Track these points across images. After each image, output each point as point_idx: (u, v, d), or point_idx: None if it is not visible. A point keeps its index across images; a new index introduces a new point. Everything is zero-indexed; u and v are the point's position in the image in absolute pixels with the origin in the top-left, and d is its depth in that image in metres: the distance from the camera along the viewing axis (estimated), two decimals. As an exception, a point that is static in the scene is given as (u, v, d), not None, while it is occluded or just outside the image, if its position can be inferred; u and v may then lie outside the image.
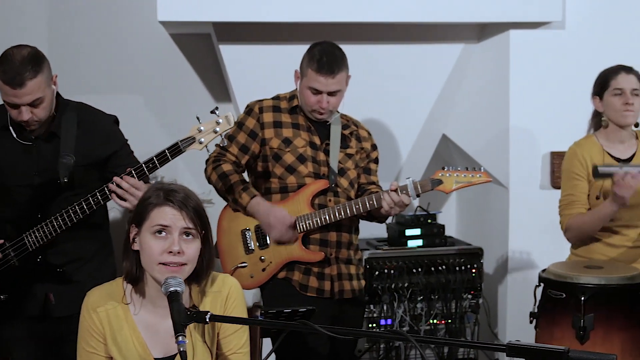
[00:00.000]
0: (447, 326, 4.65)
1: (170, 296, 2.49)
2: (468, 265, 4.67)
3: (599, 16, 4.87)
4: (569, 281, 3.71)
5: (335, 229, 3.85)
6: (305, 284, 3.83)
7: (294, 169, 3.83)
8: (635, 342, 3.66)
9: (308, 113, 3.85)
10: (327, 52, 3.77)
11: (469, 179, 3.79)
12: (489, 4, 4.68)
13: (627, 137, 4.13)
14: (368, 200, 3.75)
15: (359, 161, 3.96)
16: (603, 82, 4.10)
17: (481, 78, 5.06)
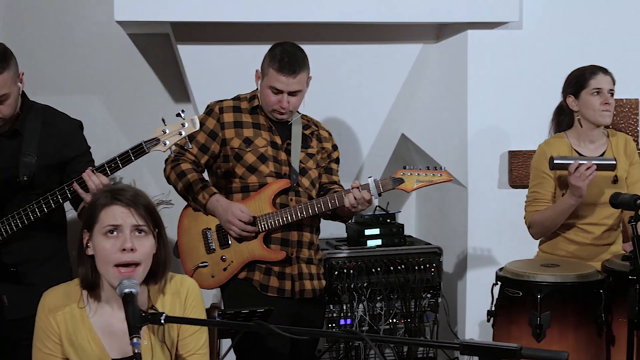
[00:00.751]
0: (407, 325, 4.66)
1: (125, 298, 2.48)
2: (427, 265, 4.68)
3: (555, 16, 4.90)
4: (526, 279, 3.74)
5: (297, 229, 3.85)
6: (266, 284, 3.82)
7: (255, 168, 3.82)
8: (591, 340, 3.70)
9: (268, 113, 3.85)
10: (289, 52, 3.78)
11: (430, 178, 3.82)
12: (447, 4, 4.69)
13: (598, 136, 4.17)
14: (330, 199, 3.76)
15: (320, 161, 3.97)
16: (580, 81, 4.13)
17: (439, 78, 5.08)
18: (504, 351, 2.04)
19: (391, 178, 3.81)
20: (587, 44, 4.88)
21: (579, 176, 3.83)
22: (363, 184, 3.76)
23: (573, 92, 4.14)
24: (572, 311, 3.69)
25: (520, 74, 4.87)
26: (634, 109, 4.94)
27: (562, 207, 4.00)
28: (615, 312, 3.78)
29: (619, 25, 4.94)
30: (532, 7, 4.87)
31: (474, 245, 4.91)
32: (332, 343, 4.59)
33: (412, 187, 3.82)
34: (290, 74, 3.74)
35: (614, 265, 3.85)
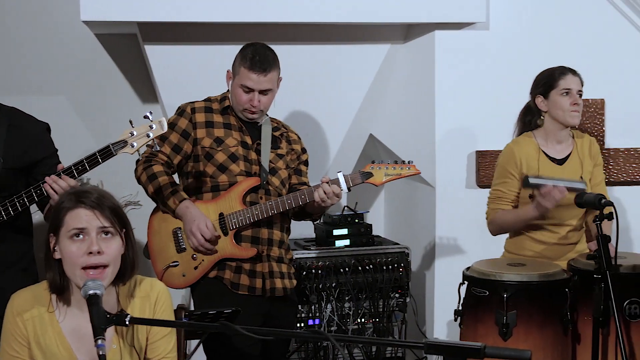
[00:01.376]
0: (375, 325, 4.67)
1: (89, 299, 2.46)
2: (395, 265, 4.69)
3: (522, 17, 4.93)
4: (492, 279, 3.76)
5: (267, 226, 3.86)
6: (237, 282, 3.82)
7: (226, 167, 3.82)
8: (557, 338, 3.72)
9: (239, 113, 3.86)
10: (260, 52, 3.80)
11: (399, 172, 3.84)
12: (415, 4, 4.71)
13: (565, 137, 4.20)
14: (300, 194, 3.77)
15: (289, 162, 3.98)
16: (550, 82, 4.16)
17: (407, 78, 5.10)
18: (468, 350, 2.04)
19: (360, 172, 3.83)
20: (553, 44, 4.91)
21: (549, 199, 3.88)
22: (333, 179, 3.78)
23: (542, 92, 4.17)
24: (538, 310, 3.71)
25: (487, 74, 4.89)
26: (599, 109, 4.98)
27: (524, 217, 4.06)
28: (580, 310, 3.81)
29: (584, 26, 4.98)
30: (499, 8, 4.89)
31: (442, 245, 4.93)
32: (301, 343, 4.59)
33: (381, 181, 3.84)
34: (262, 72, 3.75)
35: (579, 264, 3.88)
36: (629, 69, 5.02)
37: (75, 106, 5.12)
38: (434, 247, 4.95)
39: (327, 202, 3.75)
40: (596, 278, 3.58)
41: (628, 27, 5.02)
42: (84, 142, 4.96)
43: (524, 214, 4.06)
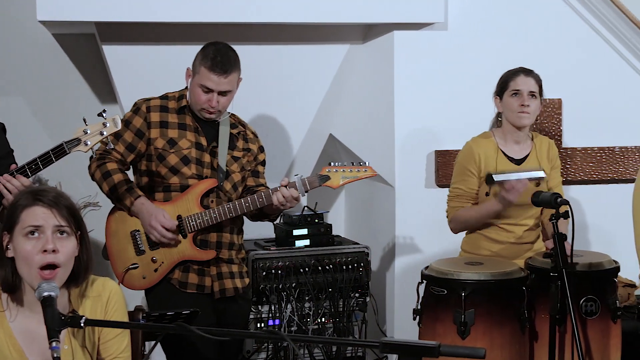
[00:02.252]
0: (335, 325, 4.67)
1: (44, 301, 2.44)
2: (355, 264, 4.70)
3: (480, 17, 4.96)
4: (450, 277, 3.77)
5: (216, 230, 3.85)
6: (185, 281, 3.83)
7: (178, 170, 3.81)
8: (514, 336, 3.75)
9: (197, 112, 3.84)
10: (222, 52, 3.78)
11: (355, 174, 3.86)
12: (373, 5, 4.72)
13: (523, 138, 4.23)
14: (258, 197, 3.77)
15: (245, 164, 3.97)
16: (503, 83, 4.20)
17: (366, 78, 5.11)
18: (423, 349, 2.05)
19: (318, 175, 3.83)
20: (511, 44, 4.95)
21: (513, 193, 3.93)
22: (290, 182, 3.78)
23: (498, 93, 4.22)
24: (496, 308, 3.73)
25: (445, 74, 4.92)
26: (557, 108, 5.03)
27: (488, 211, 4.08)
28: (538, 308, 3.84)
29: (541, 27, 5.02)
30: (457, 9, 4.92)
31: (401, 244, 4.95)
32: (261, 343, 4.58)
33: (338, 184, 3.85)
34: (222, 74, 3.73)
35: (536, 263, 3.91)
36: (586, 69, 5.07)
37: (32, 106, 5.08)
38: (393, 246, 4.97)
39: (286, 206, 3.76)
40: (553, 276, 3.62)
41: (585, 27, 5.07)
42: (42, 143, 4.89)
43: (487, 209, 4.08)
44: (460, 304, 3.70)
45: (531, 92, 4.14)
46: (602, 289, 3.84)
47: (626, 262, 3.94)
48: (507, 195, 3.94)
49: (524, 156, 4.21)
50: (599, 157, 5.08)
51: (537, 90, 4.16)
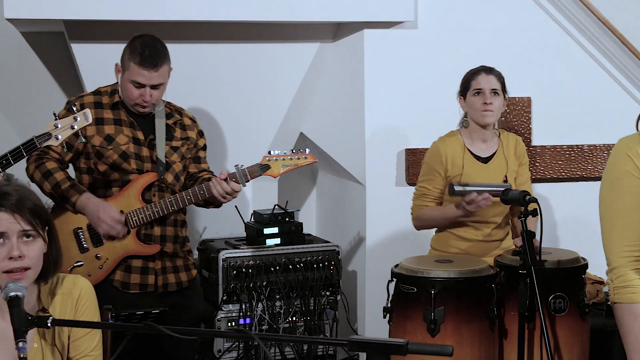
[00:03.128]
0: (306, 323, 4.66)
1: (10, 302, 2.41)
2: (326, 263, 4.69)
3: (449, 16, 4.97)
4: (420, 275, 3.78)
5: (159, 224, 3.87)
6: (127, 281, 3.84)
7: (118, 166, 3.82)
8: (483, 333, 3.76)
9: (130, 107, 3.84)
10: (149, 46, 3.77)
11: (296, 162, 3.90)
12: (343, 3, 4.72)
13: (489, 136, 4.25)
14: (199, 189, 3.79)
15: (185, 152, 3.98)
16: (466, 83, 4.22)
17: (337, 77, 5.12)
18: (391, 346, 2.05)
19: (258, 165, 3.87)
20: (481, 43, 4.97)
21: (473, 205, 3.94)
22: (231, 173, 3.80)
23: (462, 93, 4.24)
24: (466, 306, 3.74)
25: (416, 73, 4.93)
26: (526, 106, 5.05)
27: (448, 215, 4.12)
28: (507, 305, 3.86)
29: (511, 26, 5.05)
30: (427, 7, 4.93)
31: (372, 242, 4.96)
32: (232, 342, 4.57)
33: (279, 172, 3.89)
34: (152, 68, 3.73)
35: (505, 260, 3.93)
36: (555, 68, 5.10)
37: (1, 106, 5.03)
38: (364, 244, 4.98)
39: (228, 198, 3.79)
40: (521, 274, 3.63)
41: (553, 26, 5.10)
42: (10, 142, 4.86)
43: (449, 213, 4.11)
44: (430, 302, 3.70)
45: (493, 89, 4.15)
46: (571, 286, 3.87)
47: (595, 260, 3.94)
48: (467, 207, 3.95)
49: (491, 154, 4.23)
50: (567, 155, 5.11)
51: (499, 87, 4.17)
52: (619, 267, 2.69)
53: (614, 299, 2.71)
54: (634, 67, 5.11)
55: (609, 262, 2.72)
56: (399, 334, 3.80)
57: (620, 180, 2.68)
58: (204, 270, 4.72)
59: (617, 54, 5.10)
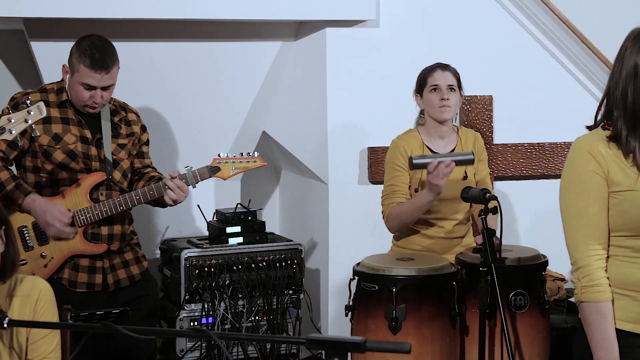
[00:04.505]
0: (269, 322, 4.66)
1: (-34, 303, 2.40)
2: (289, 261, 4.69)
3: (411, 15, 4.98)
4: (381, 273, 3.79)
5: (107, 223, 3.87)
6: (75, 280, 3.83)
7: (65, 165, 3.81)
8: (445, 331, 3.78)
9: (80, 107, 3.82)
10: (98, 47, 3.76)
11: (245, 165, 3.96)
12: (306, 2, 4.72)
13: (447, 132, 4.26)
14: (149, 190, 3.80)
15: (131, 149, 3.98)
16: (422, 80, 4.24)
17: (299, 75, 5.11)
18: (349, 345, 2.06)
19: (208, 167, 3.90)
20: (443, 42, 4.98)
21: (437, 174, 3.90)
22: (181, 174, 3.82)
23: (418, 90, 4.25)
24: (427, 303, 3.75)
25: (378, 71, 4.94)
26: (487, 105, 5.08)
27: (420, 202, 4.06)
28: (468, 303, 3.88)
29: (473, 24, 5.07)
30: (389, 6, 4.93)
31: (335, 241, 4.96)
32: (194, 342, 4.56)
33: (228, 175, 3.94)
34: (103, 70, 3.72)
35: (467, 258, 3.94)
36: (517, 67, 5.13)
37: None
38: (327, 243, 4.98)
39: (180, 196, 3.80)
40: (482, 271, 3.65)
41: (515, 25, 5.12)
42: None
43: (419, 200, 4.05)
44: (391, 300, 3.71)
45: (449, 85, 4.17)
46: (531, 283, 3.89)
47: (557, 257, 3.98)
48: (432, 178, 3.90)
49: (449, 150, 4.24)
50: (529, 153, 5.14)
51: (455, 83, 4.19)
52: (585, 266, 2.67)
53: (580, 298, 2.69)
54: (594, 66, 5.16)
55: (574, 261, 2.71)
56: (361, 332, 3.80)
57: (582, 179, 2.67)
58: (166, 269, 4.70)
59: (578, 53, 5.14)
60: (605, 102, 2.71)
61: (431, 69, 4.23)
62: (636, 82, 2.62)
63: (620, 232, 2.67)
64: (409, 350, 2.03)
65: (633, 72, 2.62)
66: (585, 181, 2.67)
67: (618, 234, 2.67)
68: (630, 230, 2.65)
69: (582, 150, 2.69)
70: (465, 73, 4.65)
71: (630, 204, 2.63)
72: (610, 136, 2.67)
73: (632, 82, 2.63)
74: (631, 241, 2.66)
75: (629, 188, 2.63)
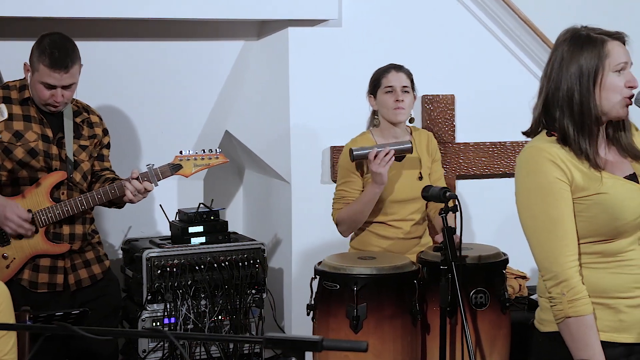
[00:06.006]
0: (232, 322, 4.65)
1: None
2: (251, 261, 4.68)
3: (373, 14, 5.00)
4: (343, 272, 3.80)
5: (68, 222, 3.84)
6: (35, 280, 3.80)
7: (26, 163, 3.78)
8: (406, 329, 3.79)
9: (41, 106, 3.80)
10: (59, 46, 3.72)
11: (207, 162, 3.93)
12: (268, 1, 4.71)
13: (401, 133, 4.26)
14: (110, 189, 3.77)
15: (92, 151, 3.96)
16: (376, 81, 4.23)
17: (262, 75, 5.11)
18: (306, 343, 2.06)
19: (169, 165, 3.88)
20: (405, 41, 5.00)
21: (379, 163, 3.93)
22: (142, 173, 3.80)
23: (372, 91, 4.25)
24: (388, 302, 3.77)
25: (340, 71, 4.94)
26: (449, 104, 5.10)
27: (367, 197, 4.06)
28: (429, 301, 3.90)
29: (435, 24, 5.09)
30: (351, 5, 4.94)
31: (298, 240, 4.96)
32: (157, 342, 4.54)
33: (190, 172, 3.91)
34: (63, 70, 3.69)
35: (427, 256, 3.96)
36: (478, 66, 5.15)
37: None
38: (290, 242, 4.98)
39: (139, 197, 3.79)
40: (443, 269, 3.67)
41: (477, 25, 5.15)
42: None
43: (365, 194, 4.06)
44: (352, 299, 3.72)
45: (404, 87, 4.18)
46: (492, 281, 3.92)
47: (518, 254, 4.00)
48: (374, 167, 3.93)
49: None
50: (490, 152, 5.17)
51: (409, 84, 4.20)
52: (568, 279, 2.57)
53: (567, 313, 2.56)
54: (555, 65, 5.19)
55: (553, 275, 2.59)
56: (322, 331, 3.81)
57: (550, 188, 2.61)
58: (128, 269, 4.68)
59: (539, 52, 5.18)
60: (543, 104, 2.71)
61: (385, 70, 4.22)
62: (582, 80, 2.62)
63: (588, 239, 2.61)
64: (366, 348, 2.03)
65: (578, 72, 2.62)
66: (553, 190, 2.61)
67: (586, 240, 2.62)
68: (599, 236, 2.61)
69: (543, 158, 2.63)
70: (428, 72, 4.69)
71: (598, 208, 2.59)
72: (559, 139, 2.65)
73: (578, 81, 2.63)
74: (599, 246, 2.62)
75: (595, 192, 2.60)
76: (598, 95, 2.64)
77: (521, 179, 2.69)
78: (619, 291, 2.63)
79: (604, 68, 2.63)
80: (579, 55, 2.64)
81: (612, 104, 2.65)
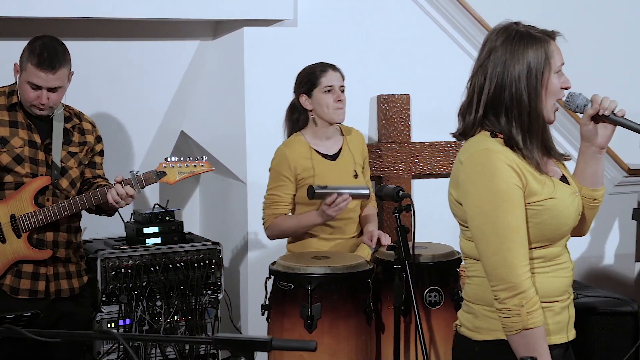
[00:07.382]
0: (188, 322, 4.63)
1: None
2: (207, 261, 4.67)
3: (329, 14, 5.01)
4: (297, 272, 3.80)
5: (52, 229, 3.79)
6: (17, 286, 3.75)
7: (11, 169, 3.73)
8: (360, 328, 3.80)
9: (27, 108, 3.76)
10: (48, 47, 3.69)
11: (192, 169, 3.88)
12: (223, 1, 4.70)
13: (333, 133, 4.24)
14: (93, 195, 3.73)
15: (83, 158, 3.91)
16: (312, 80, 4.16)
17: (217, 75, 5.10)
18: (255, 344, 2.06)
19: (154, 171, 3.83)
20: (360, 41, 5.02)
21: (334, 208, 3.90)
22: (125, 179, 3.75)
23: (306, 91, 4.17)
24: (342, 301, 3.77)
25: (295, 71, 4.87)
26: (405, 104, 5.12)
27: (307, 223, 4.06)
28: (384, 300, 3.92)
29: (390, 24, 5.11)
30: (307, 5, 4.95)
31: (253, 240, 4.96)
32: (112, 344, 4.51)
33: (175, 179, 3.86)
34: (50, 70, 3.65)
35: (382, 255, 3.98)
36: (433, 66, 5.18)
37: None
38: (246, 242, 4.98)
39: (121, 203, 3.73)
40: (397, 268, 3.69)
41: (431, 25, 5.18)
42: None
43: (306, 220, 4.07)
44: (306, 298, 3.72)
45: (341, 86, 4.17)
46: (446, 280, 3.94)
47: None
48: (327, 210, 3.91)
49: (337, 151, 4.22)
50: (446, 151, 5.20)
51: (344, 84, 4.19)
52: (527, 289, 2.48)
53: (527, 324, 2.46)
54: (509, 65, 5.23)
55: (512, 285, 2.47)
56: (277, 331, 3.81)
57: (508, 194, 2.49)
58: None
59: (493, 52, 5.21)
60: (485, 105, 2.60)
61: (322, 69, 4.16)
62: (529, 81, 2.53)
63: (533, 244, 2.55)
64: (315, 348, 2.05)
65: (525, 72, 2.53)
66: (511, 196, 2.49)
67: (532, 246, 2.54)
68: (544, 241, 2.56)
69: (500, 161, 2.51)
70: (383, 72, 4.71)
71: (549, 213, 2.53)
72: (506, 142, 2.55)
73: (525, 81, 2.53)
74: (542, 251, 2.57)
75: (547, 197, 2.53)
76: (544, 98, 2.56)
77: (475, 182, 2.54)
78: (557, 294, 2.61)
79: (550, 69, 2.56)
80: (524, 54, 2.55)
81: (550, 107, 2.59)
